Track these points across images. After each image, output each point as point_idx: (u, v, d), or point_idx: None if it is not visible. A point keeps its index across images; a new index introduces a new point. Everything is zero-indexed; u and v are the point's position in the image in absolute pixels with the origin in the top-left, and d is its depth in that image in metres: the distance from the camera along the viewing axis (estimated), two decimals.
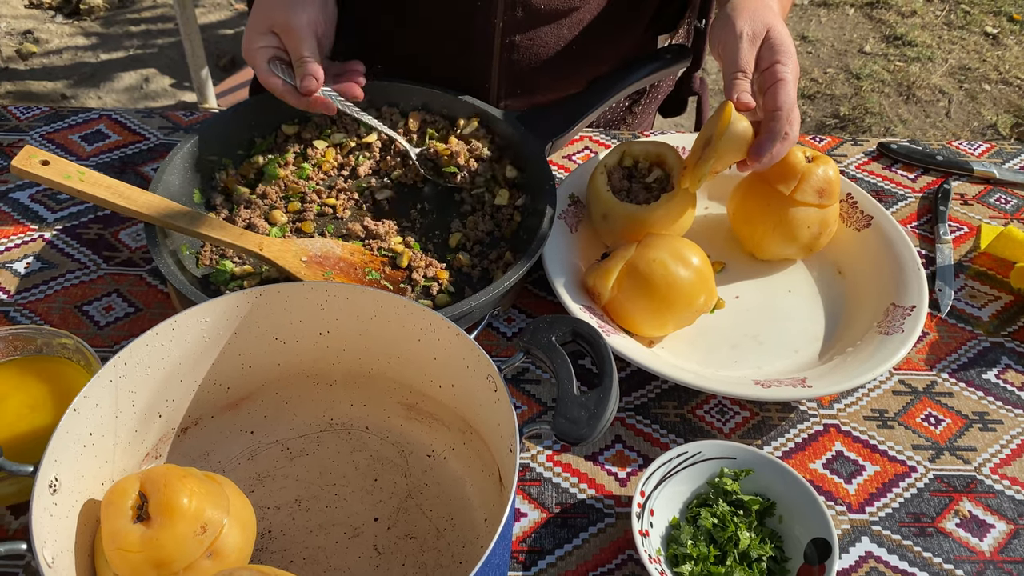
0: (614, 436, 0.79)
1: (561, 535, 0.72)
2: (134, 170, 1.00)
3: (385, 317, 0.67)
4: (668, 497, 0.72)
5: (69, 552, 0.55)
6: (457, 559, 0.66)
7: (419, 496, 0.69)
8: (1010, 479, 0.78)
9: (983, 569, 0.71)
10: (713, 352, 0.85)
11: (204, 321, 0.65)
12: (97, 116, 1.07)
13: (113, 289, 0.87)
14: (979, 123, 2.79)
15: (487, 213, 0.92)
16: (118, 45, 2.89)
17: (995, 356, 0.88)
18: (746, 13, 0.82)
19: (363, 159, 0.95)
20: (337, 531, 0.67)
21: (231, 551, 0.57)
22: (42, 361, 0.73)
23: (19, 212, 0.94)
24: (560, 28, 1.00)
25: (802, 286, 0.93)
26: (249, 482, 0.69)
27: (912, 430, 0.81)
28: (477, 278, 0.87)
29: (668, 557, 0.69)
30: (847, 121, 2.77)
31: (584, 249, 0.91)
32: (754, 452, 0.73)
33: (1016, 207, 1.05)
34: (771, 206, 0.89)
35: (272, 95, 0.88)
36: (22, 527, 0.69)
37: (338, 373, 0.72)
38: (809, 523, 0.69)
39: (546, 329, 0.63)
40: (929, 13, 3.29)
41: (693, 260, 0.81)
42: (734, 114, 0.80)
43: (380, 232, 0.88)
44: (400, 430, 0.72)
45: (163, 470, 0.57)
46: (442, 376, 0.68)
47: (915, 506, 0.75)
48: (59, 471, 0.55)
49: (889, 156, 1.10)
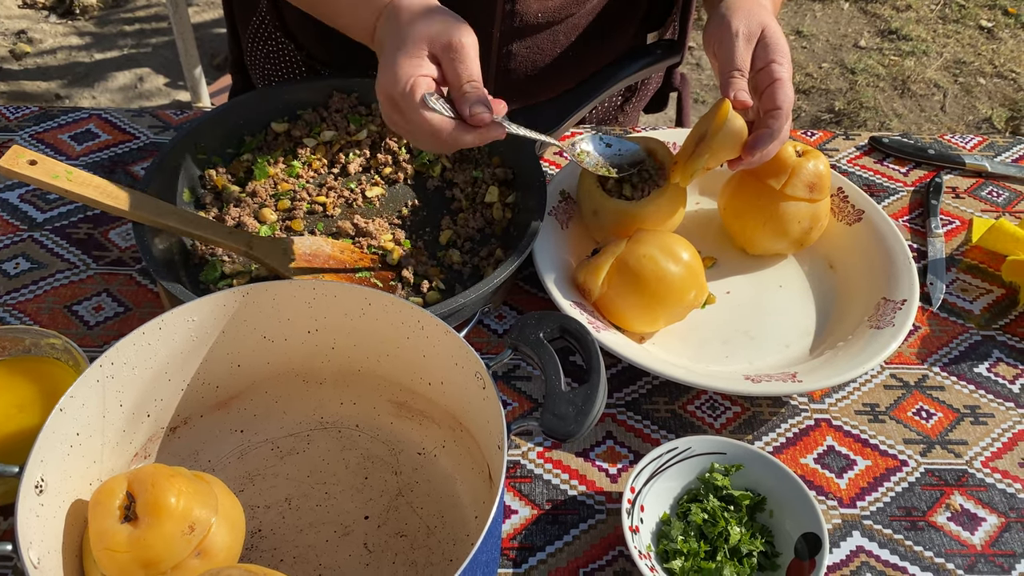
0: (605, 432, 0.79)
1: (552, 532, 0.72)
2: (124, 169, 1.00)
3: (374, 315, 0.67)
4: (659, 493, 0.72)
5: (56, 553, 0.55)
6: (448, 557, 0.65)
7: (409, 494, 0.69)
8: (1001, 472, 0.78)
9: (974, 562, 0.71)
10: (704, 347, 0.85)
11: (192, 320, 0.65)
12: (87, 115, 1.06)
13: (103, 289, 0.87)
14: (974, 117, 2.79)
15: (478, 210, 0.92)
16: (112, 45, 2.88)
17: (986, 349, 0.88)
18: (741, 12, 0.82)
19: (353, 157, 0.95)
20: (327, 530, 0.67)
21: (219, 550, 0.57)
22: (30, 361, 0.73)
23: (8, 212, 0.94)
24: (556, 34, 1.00)
25: (793, 281, 0.93)
26: (239, 481, 0.69)
27: (903, 424, 0.81)
28: (468, 275, 0.87)
29: (659, 553, 0.69)
30: (842, 115, 2.77)
31: (575, 245, 0.91)
32: (745, 447, 0.73)
33: (1007, 200, 1.05)
34: (762, 201, 0.89)
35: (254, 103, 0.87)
36: (10, 528, 0.69)
37: (327, 371, 0.72)
38: (800, 518, 0.69)
39: (534, 326, 0.63)
40: (924, 7, 3.29)
41: (683, 255, 0.81)
42: (731, 112, 0.80)
43: (370, 230, 0.88)
44: (390, 428, 0.72)
45: (151, 470, 0.57)
46: (431, 373, 0.68)
47: (906, 500, 0.75)
48: (45, 471, 0.55)
49: (881, 150, 1.10)
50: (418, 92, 0.70)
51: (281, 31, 1.06)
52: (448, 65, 0.72)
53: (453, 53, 0.71)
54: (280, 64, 1.09)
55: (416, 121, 0.71)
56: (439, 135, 0.71)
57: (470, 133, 0.72)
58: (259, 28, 1.08)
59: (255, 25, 1.08)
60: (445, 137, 0.71)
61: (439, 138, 0.71)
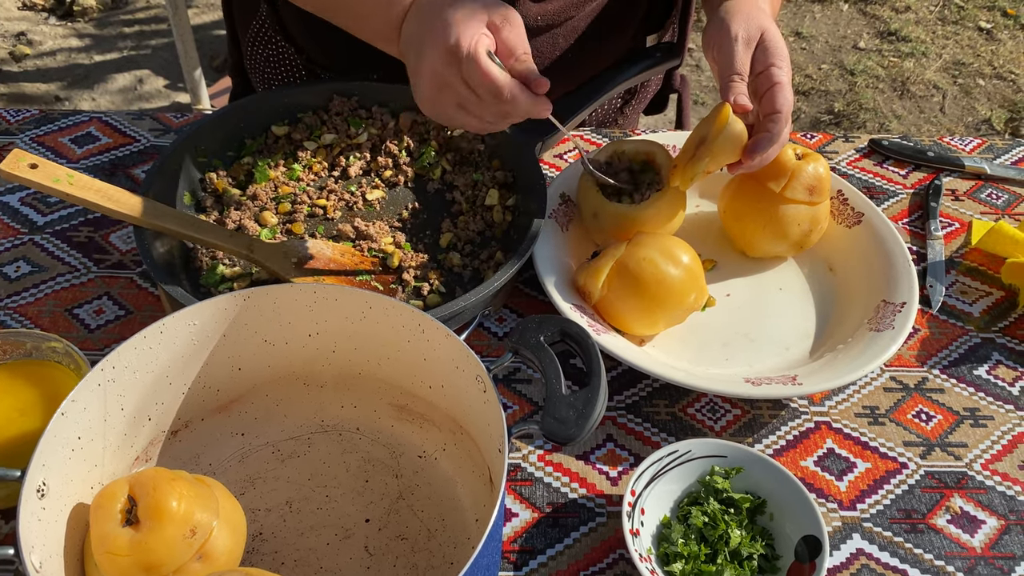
0: (605, 435, 0.79)
1: (552, 535, 0.72)
2: (124, 172, 1.00)
3: (374, 318, 0.67)
4: (659, 496, 0.72)
5: (58, 556, 0.55)
6: (448, 560, 0.66)
7: (410, 497, 0.69)
8: (1001, 475, 0.78)
9: (974, 565, 0.71)
10: (704, 350, 0.85)
11: (193, 324, 0.65)
12: (87, 118, 1.06)
13: (104, 292, 0.87)
14: (973, 118, 2.79)
15: (478, 213, 0.92)
16: (111, 46, 2.88)
17: (986, 352, 0.88)
18: (740, 16, 0.83)
19: (353, 160, 0.95)
20: (328, 533, 0.67)
21: (221, 554, 0.57)
22: (31, 365, 0.73)
23: (9, 215, 0.94)
24: (555, 37, 1.00)
25: (793, 283, 0.93)
26: (240, 484, 0.69)
27: (903, 427, 0.81)
28: (468, 278, 0.87)
29: (659, 556, 0.69)
30: (841, 117, 2.77)
31: (575, 248, 0.91)
32: (745, 450, 0.73)
33: (1007, 202, 1.05)
34: (762, 204, 0.89)
35: (258, 98, 0.87)
36: (12, 532, 0.69)
37: (328, 375, 0.72)
38: (800, 521, 0.69)
39: (534, 329, 0.63)
40: (923, 8, 3.29)
41: (683, 258, 0.81)
42: (731, 116, 0.80)
43: (371, 233, 0.88)
44: (391, 431, 0.72)
45: (152, 473, 0.57)
46: (432, 377, 0.68)
47: (906, 503, 0.75)
48: (47, 475, 0.55)
49: (880, 152, 1.10)
50: (482, 46, 0.69)
51: (281, 35, 1.06)
52: (508, 32, 0.71)
53: (511, 24, 0.72)
54: (280, 67, 1.09)
55: (477, 74, 0.69)
56: (500, 92, 0.70)
57: (527, 95, 0.71)
58: (259, 32, 1.08)
59: (255, 29, 1.08)
60: (506, 94, 0.70)
61: (499, 95, 0.70)
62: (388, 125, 0.98)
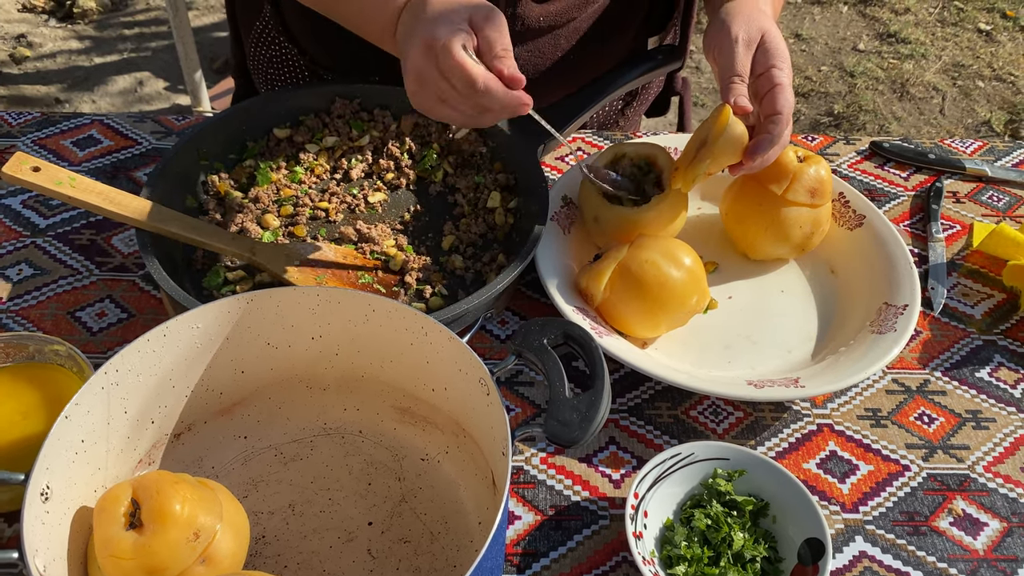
0: (608, 438, 0.79)
1: (555, 537, 0.72)
2: (126, 175, 1.00)
3: (377, 321, 0.67)
4: (662, 498, 0.72)
5: (62, 560, 0.55)
6: (451, 563, 0.66)
7: (413, 500, 0.69)
8: (1003, 477, 0.78)
9: (977, 568, 0.71)
10: (706, 352, 0.85)
11: (196, 327, 0.65)
12: (89, 121, 1.06)
13: (106, 295, 0.87)
14: (973, 120, 2.79)
15: (480, 215, 0.92)
16: (111, 49, 2.89)
17: (988, 354, 0.88)
18: (741, 18, 0.83)
19: (355, 162, 0.95)
20: (331, 536, 0.67)
21: (224, 557, 0.57)
22: (34, 368, 0.73)
23: (11, 218, 0.94)
24: (557, 38, 1.00)
25: (795, 286, 0.93)
26: (243, 487, 0.69)
27: (905, 429, 0.81)
28: (470, 280, 0.87)
29: (662, 558, 0.69)
30: (841, 119, 2.77)
31: (577, 251, 0.91)
32: (747, 452, 0.73)
33: (1008, 204, 1.05)
34: (763, 206, 0.89)
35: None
36: (16, 535, 0.69)
37: (331, 377, 0.72)
38: (803, 523, 0.69)
39: (537, 332, 0.63)
40: (922, 10, 3.29)
41: (685, 260, 0.81)
42: (731, 117, 0.80)
43: (373, 235, 0.88)
44: (393, 434, 0.72)
45: (155, 476, 0.57)
46: (435, 380, 0.68)
47: (909, 505, 0.76)
48: (51, 479, 0.55)
49: (881, 155, 1.10)
50: (457, 40, 0.71)
51: (284, 36, 1.06)
52: (489, 29, 0.73)
53: (493, 23, 0.73)
54: (283, 68, 1.09)
55: (450, 67, 0.71)
56: (474, 82, 0.70)
57: (500, 89, 0.71)
58: (262, 33, 1.08)
59: (258, 30, 1.08)
60: (480, 84, 0.70)
61: (473, 86, 0.71)
62: (390, 127, 0.98)
